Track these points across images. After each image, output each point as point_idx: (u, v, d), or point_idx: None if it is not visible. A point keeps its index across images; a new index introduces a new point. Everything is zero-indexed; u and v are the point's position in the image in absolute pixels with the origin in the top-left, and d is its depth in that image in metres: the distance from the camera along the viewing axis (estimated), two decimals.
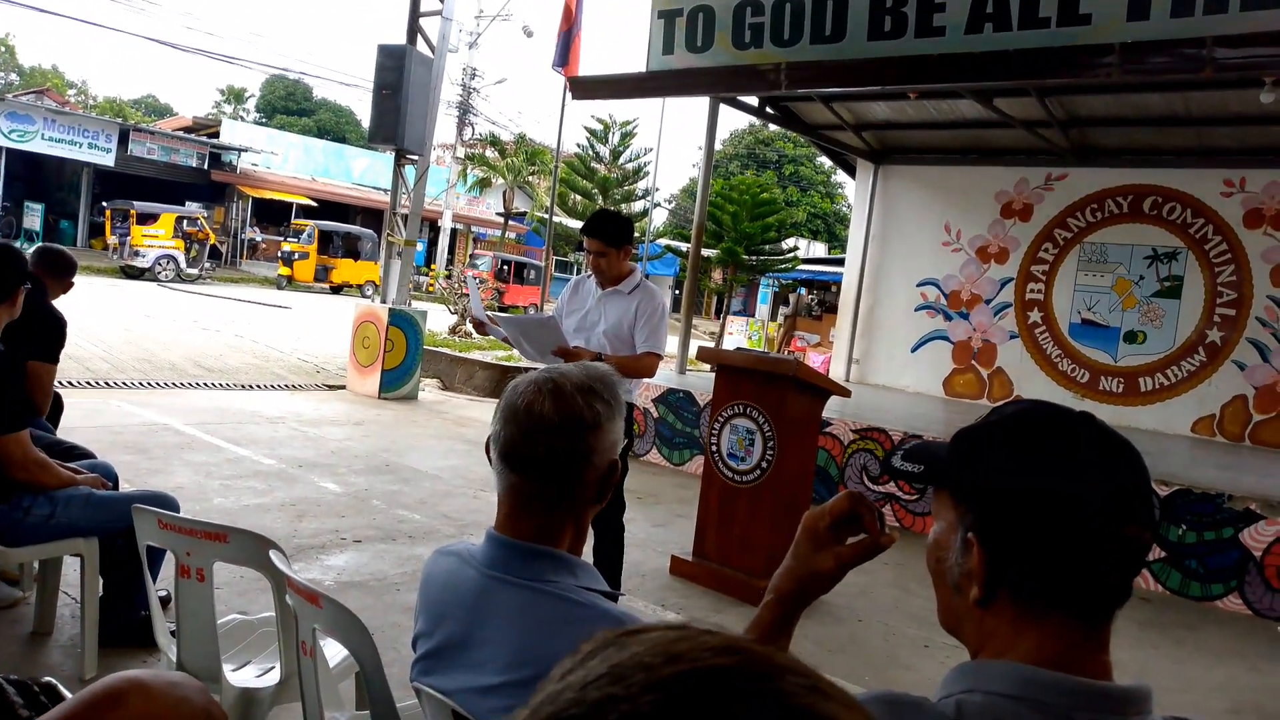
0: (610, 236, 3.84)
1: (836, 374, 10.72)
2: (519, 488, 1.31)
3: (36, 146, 24.89)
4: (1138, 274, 9.24)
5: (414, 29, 9.96)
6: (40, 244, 4.31)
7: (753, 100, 9.57)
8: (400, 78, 9.38)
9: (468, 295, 4.02)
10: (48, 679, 1.26)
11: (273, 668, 2.30)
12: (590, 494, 1.33)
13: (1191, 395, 8.88)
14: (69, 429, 4.36)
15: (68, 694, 1.16)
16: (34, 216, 25.78)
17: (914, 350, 10.57)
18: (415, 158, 10.08)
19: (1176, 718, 0.95)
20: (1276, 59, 5.72)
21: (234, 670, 2.31)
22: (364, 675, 1.67)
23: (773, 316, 23.84)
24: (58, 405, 4.35)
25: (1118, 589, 0.92)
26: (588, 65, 13.25)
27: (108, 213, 24.87)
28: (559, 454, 1.28)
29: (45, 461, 2.99)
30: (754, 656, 0.39)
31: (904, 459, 1.07)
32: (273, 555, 1.91)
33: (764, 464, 4.58)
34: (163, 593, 3.19)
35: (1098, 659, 0.91)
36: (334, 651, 2.23)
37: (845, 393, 4.89)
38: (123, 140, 26.91)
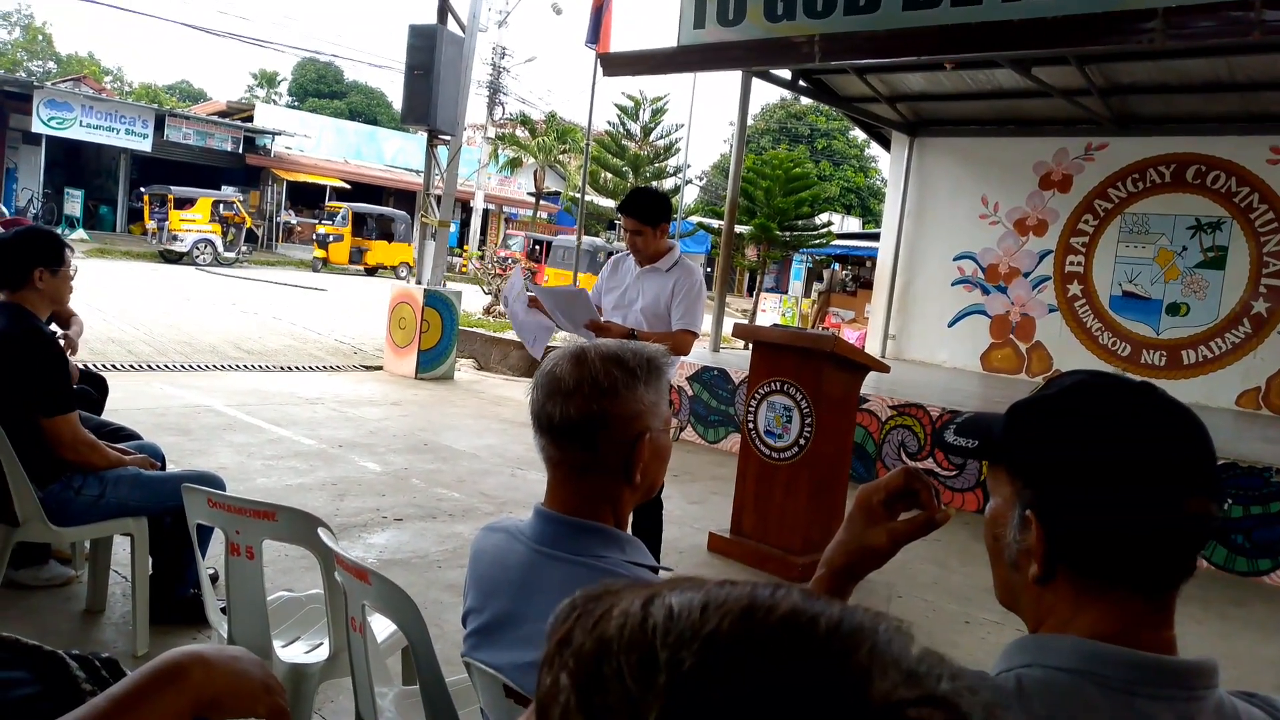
0: (647, 214, 3.84)
1: (872, 350, 10.64)
2: (548, 453, 1.33)
3: (75, 134, 25.22)
4: (1180, 245, 9.07)
5: (444, 8, 9.94)
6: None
7: (785, 74, 9.48)
8: (431, 57, 9.38)
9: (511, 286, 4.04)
10: (109, 655, 1.29)
11: (321, 644, 2.34)
12: (614, 463, 1.31)
13: (1236, 368, 8.72)
14: (112, 411, 4.43)
15: (128, 671, 1.18)
16: (74, 203, 26.16)
17: (951, 325, 10.46)
18: (448, 138, 10.09)
19: (1245, 692, 0.93)
20: None
21: (283, 646, 2.35)
22: (413, 650, 1.69)
23: (806, 293, 23.71)
24: (102, 388, 4.42)
25: (1181, 563, 0.90)
26: (619, 41, 13.16)
27: (145, 198, 25.19)
28: (576, 417, 1.28)
29: (94, 442, 3.04)
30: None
31: (957, 433, 1.05)
32: (321, 533, 1.94)
33: (802, 441, 4.56)
34: (211, 571, 3.24)
35: (1161, 634, 0.89)
36: (380, 627, 2.26)
37: (884, 368, 4.86)
38: (159, 126, 27.19)
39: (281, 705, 1.08)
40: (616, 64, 9.43)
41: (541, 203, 33.81)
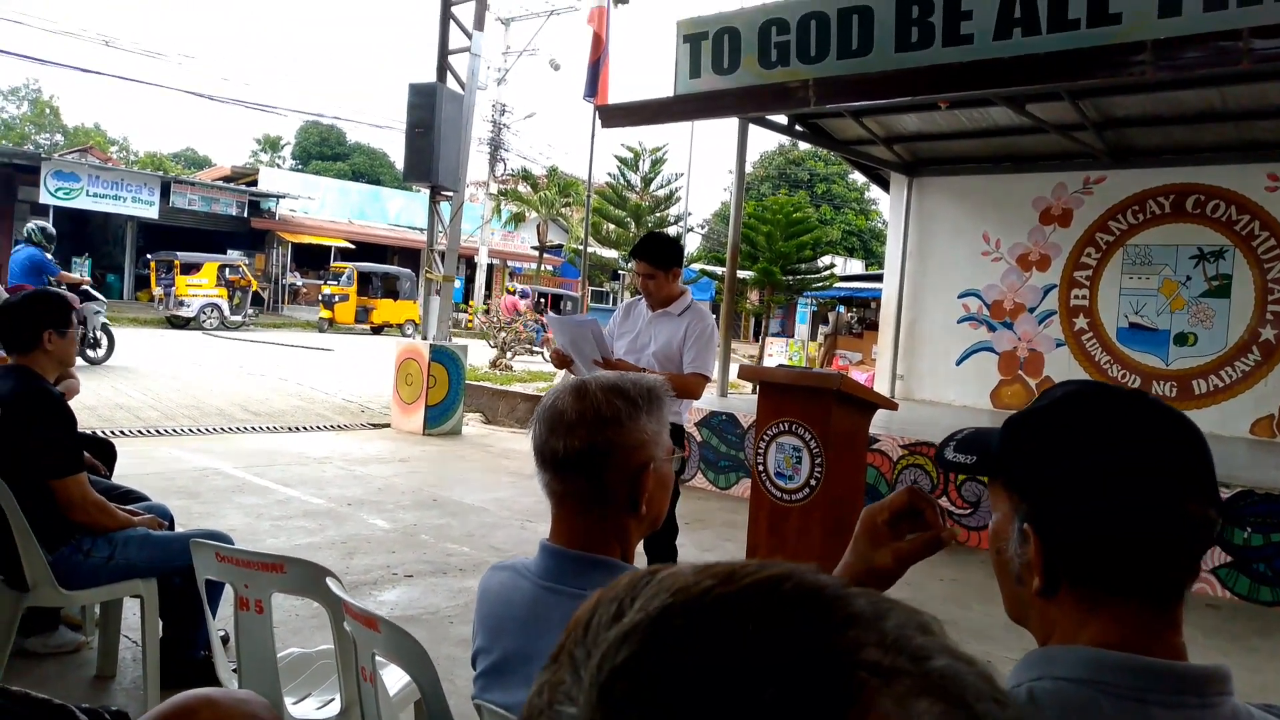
0: (658, 258, 3.88)
1: (881, 391, 10.61)
2: (552, 487, 1.32)
3: (82, 203, 25.55)
4: (1184, 274, 9.07)
5: (443, 66, 10.11)
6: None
7: (782, 119, 9.58)
8: (432, 115, 9.51)
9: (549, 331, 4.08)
10: (119, 708, 1.27)
11: (333, 699, 2.30)
12: (621, 496, 1.30)
13: (1248, 396, 8.67)
14: (121, 476, 4.41)
15: None
16: (81, 271, 26.37)
17: (958, 363, 10.44)
18: (450, 194, 10.20)
19: (1266, 705, 0.91)
20: None
21: (295, 703, 2.31)
22: (424, 698, 1.66)
23: (812, 336, 23.73)
24: (110, 453, 4.41)
25: (1183, 569, 0.89)
26: (617, 94, 13.35)
27: (152, 264, 25.44)
28: (579, 449, 1.28)
29: (103, 503, 3.03)
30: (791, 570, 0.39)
31: (957, 450, 1.05)
32: (329, 582, 1.92)
33: (813, 481, 4.53)
34: (221, 632, 3.21)
35: (1169, 640, 0.88)
36: (392, 680, 2.22)
37: (892, 405, 4.83)
38: (164, 193, 27.55)
39: None
40: (614, 115, 9.55)
41: (545, 255, 34.04)
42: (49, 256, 10.75)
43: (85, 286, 12.15)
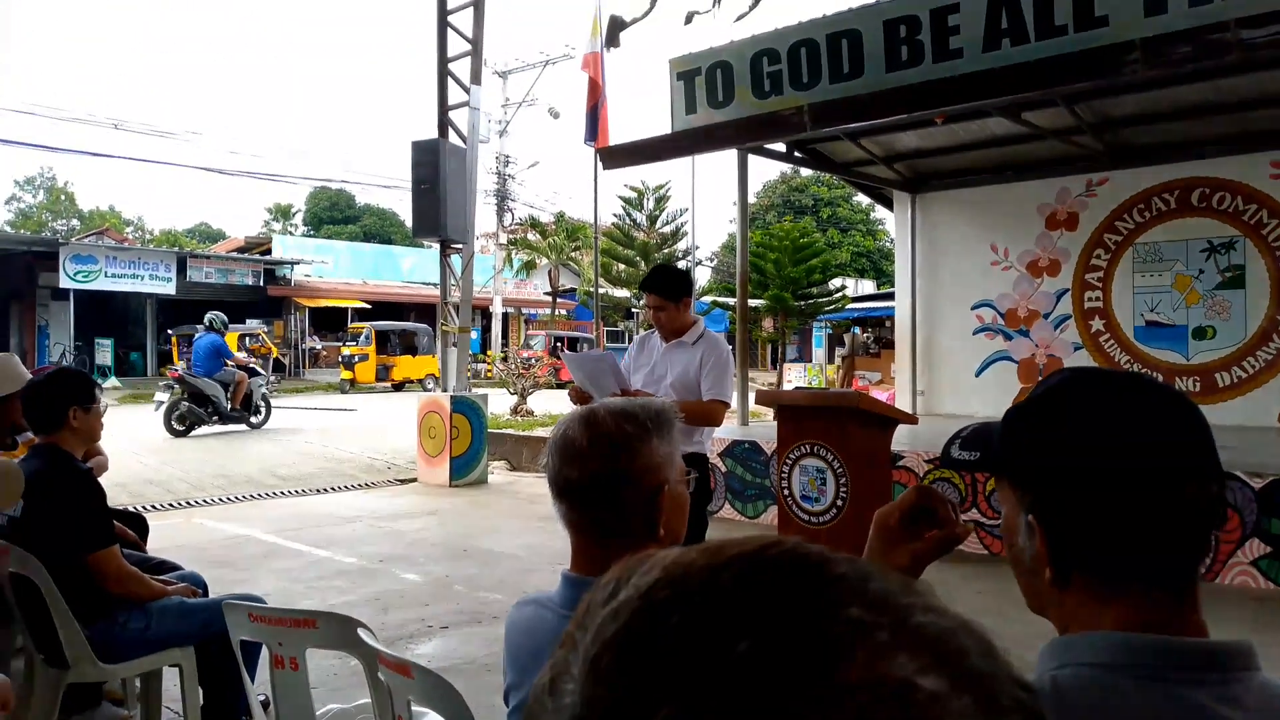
0: (668, 290, 3.92)
1: (902, 408, 10.57)
2: (569, 517, 1.35)
3: (101, 284, 25.96)
4: (1196, 268, 9.04)
5: (444, 122, 10.27)
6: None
7: (780, 146, 9.66)
8: (436, 171, 9.65)
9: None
10: None
11: None
12: (638, 520, 1.32)
13: (1273, 384, 8.59)
14: (154, 549, 4.46)
15: None
16: (105, 352, 26.78)
17: (978, 374, 10.41)
18: (460, 246, 10.31)
19: None
20: None
21: None
22: None
23: (830, 359, 23.68)
24: (142, 527, 4.46)
25: (1192, 549, 0.89)
26: (617, 135, 13.50)
27: (173, 339, 25.74)
28: (595, 476, 1.30)
29: (138, 574, 3.08)
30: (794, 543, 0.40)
31: (961, 448, 1.06)
32: (361, 633, 1.94)
33: (839, 502, 4.52)
34: (261, 696, 3.23)
35: (1189, 619, 0.88)
36: None
37: (912, 419, 4.83)
38: (181, 268, 27.96)
39: None
40: (615, 156, 9.67)
41: (559, 300, 34.26)
42: (225, 339, 13.90)
43: (252, 364, 15.06)
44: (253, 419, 14.55)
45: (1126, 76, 6.51)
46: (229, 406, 13.80)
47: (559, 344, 28.17)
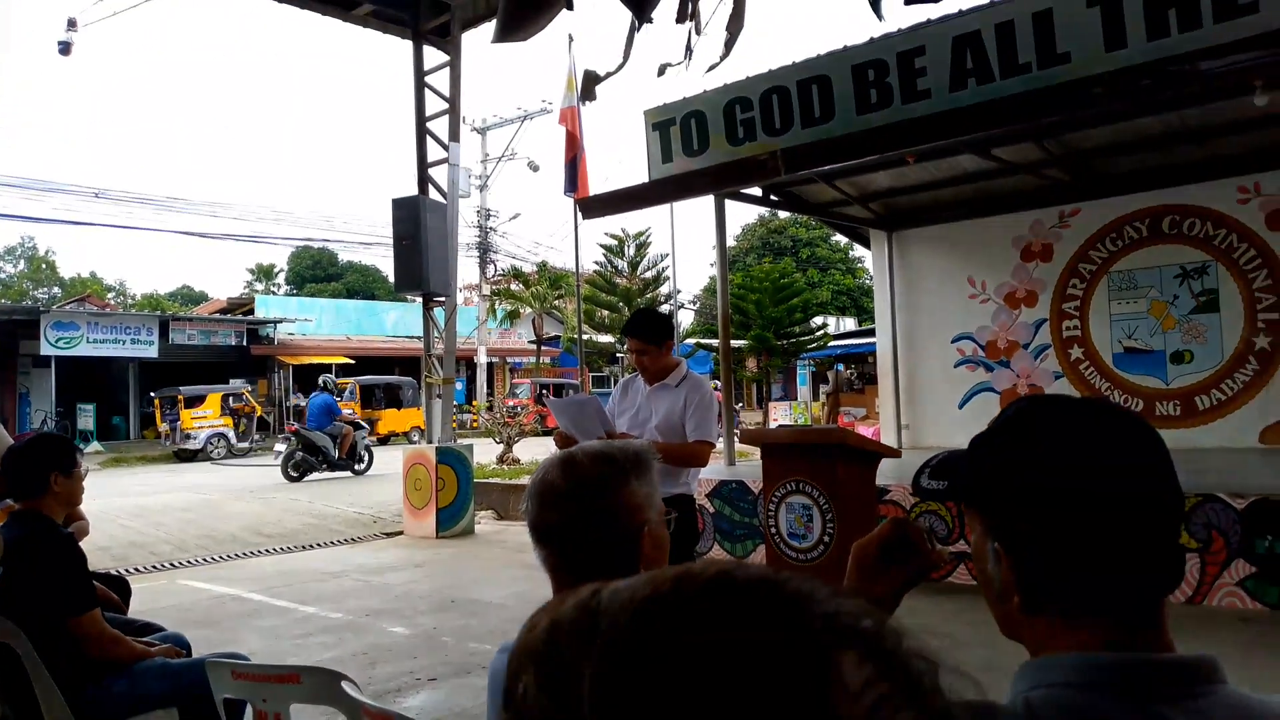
0: (649, 333, 3.95)
1: (887, 442, 10.59)
2: (550, 562, 1.35)
3: (82, 350, 25.83)
4: (1171, 294, 9.16)
5: (424, 179, 10.37)
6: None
7: (756, 190, 9.78)
8: (417, 226, 9.71)
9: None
10: None
11: None
12: (618, 560, 1.32)
13: (1253, 405, 8.67)
14: (137, 612, 4.41)
15: None
16: (87, 418, 26.56)
17: (961, 406, 10.46)
18: (442, 300, 10.35)
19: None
20: (1260, 61, 5.78)
21: None
22: None
23: (815, 397, 23.74)
24: (124, 590, 4.41)
25: (1156, 571, 0.90)
26: (596, 184, 13.66)
27: (156, 402, 25.58)
28: (573, 519, 1.31)
29: (119, 637, 3.04)
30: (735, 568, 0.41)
31: (930, 477, 1.07)
32: (345, 686, 1.93)
33: (826, 539, 4.52)
34: None
35: (1157, 637, 0.89)
36: None
37: (895, 453, 4.85)
38: (163, 331, 27.88)
39: None
40: (594, 206, 9.76)
41: (543, 348, 34.29)
42: (335, 399, 16.59)
43: (357, 419, 17.72)
44: (356, 466, 16.42)
45: (1092, 109, 6.65)
46: (337, 456, 15.90)
47: (544, 391, 28.16)
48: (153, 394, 26.28)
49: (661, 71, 9.70)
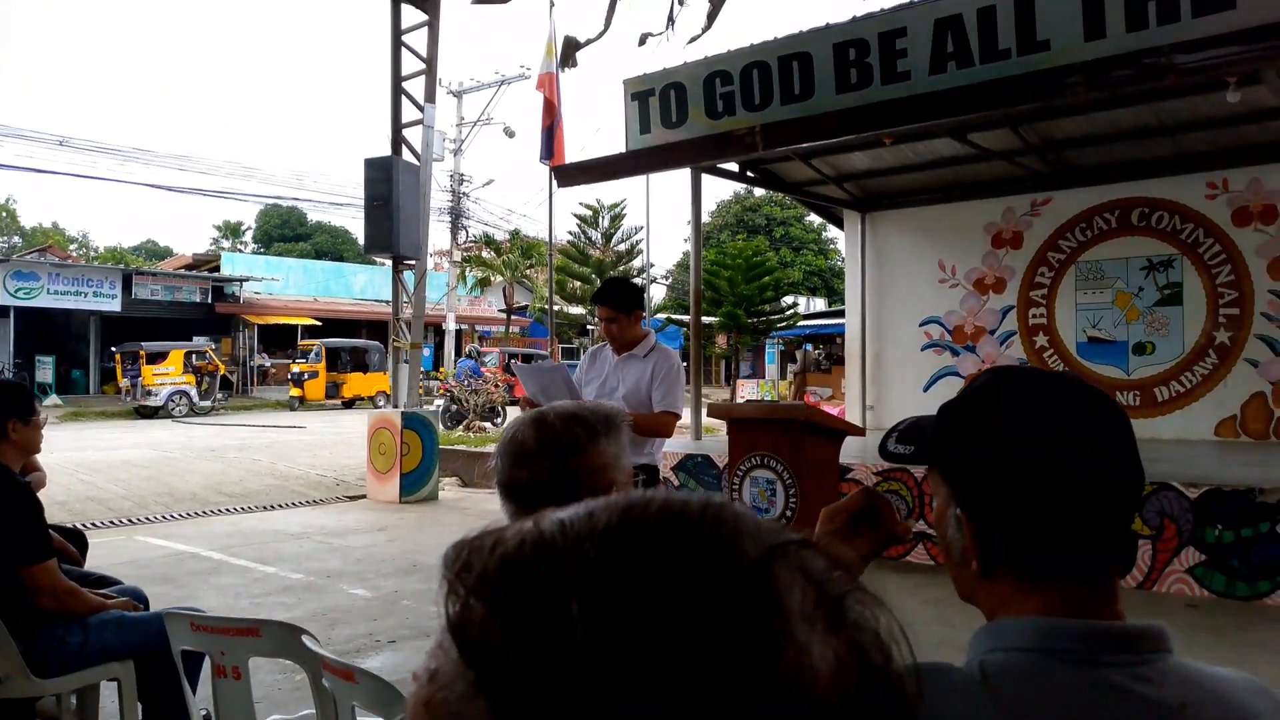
0: (619, 302, 3.96)
1: (853, 423, 10.68)
2: (517, 519, 1.34)
3: (43, 301, 25.37)
4: (1136, 286, 9.27)
5: (398, 140, 10.24)
6: None
7: (733, 166, 9.76)
8: (389, 188, 9.61)
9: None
10: None
11: None
12: None
13: (1210, 399, 8.82)
14: (94, 566, 4.36)
15: None
16: (45, 369, 26.16)
17: (926, 389, 10.55)
18: (412, 263, 10.26)
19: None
20: (1235, 58, 5.84)
21: None
22: None
23: (782, 375, 23.87)
24: (82, 543, 4.36)
25: (1111, 542, 0.92)
26: (573, 153, 13.55)
27: (118, 357, 25.22)
28: (543, 480, 1.31)
29: (74, 588, 3.01)
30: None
31: (898, 441, 1.09)
32: (305, 640, 1.92)
33: (789, 512, 4.56)
34: (203, 711, 3.17)
35: (1108, 606, 0.91)
36: None
37: (859, 431, 4.90)
38: (126, 285, 27.44)
39: None
40: (570, 174, 9.70)
41: (513, 317, 34.14)
42: (479, 364, 19.64)
43: (498, 379, 19.13)
44: (495, 420, 18.04)
45: (1068, 98, 6.69)
46: (480, 409, 17.53)
47: (513, 360, 28.09)
48: (114, 349, 25.90)
49: (643, 41, 9.68)
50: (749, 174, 10.32)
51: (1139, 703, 0.83)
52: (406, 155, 10.20)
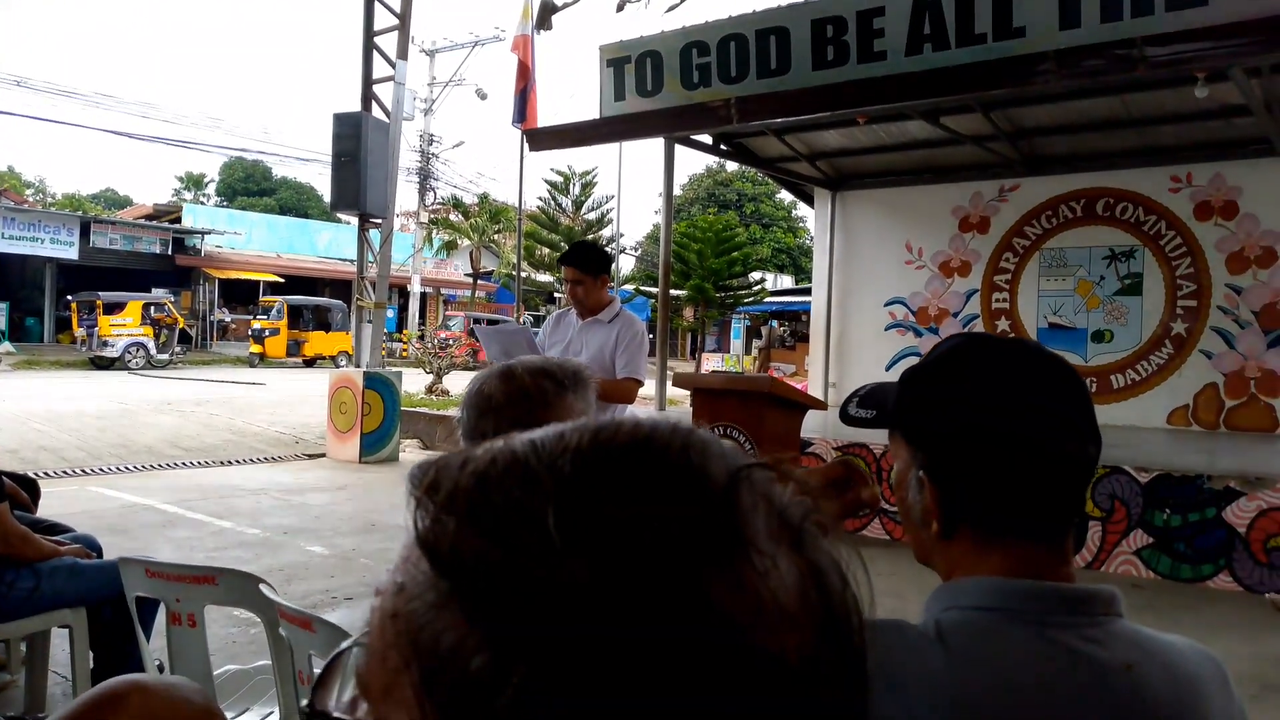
0: (586, 264, 3.92)
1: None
2: None
3: None
4: (1098, 275, 9.41)
5: (368, 96, 10.09)
6: None
7: (706, 138, 9.73)
8: (358, 144, 9.48)
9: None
10: (44, 714, 1.27)
11: (271, 712, 2.29)
12: None
13: (1163, 388, 9.00)
14: (46, 515, 4.31)
15: None
16: None
17: (888, 369, 10.63)
18: (379, 222, 10.15)
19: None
20: (1204, 53, 5.92)
21: (234, 718, 2.29)
22: None
23: (747, 350, 23.98)
24: (34, 490, 4.29)
25: (1067, 506, 0.95)
26: (546, 118, 13.44)
27: (73, 305, 24.74)
28: (509, 431, 1.31)
29: (26, 533, 2.97)
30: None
31: (859, 405, 1.11)
32: (262, 589, 1.92)
33: None
34: (157, 661, 3.15)
35: (1060, 570, 0.94)
36: None
37: (821, 405, 4.96)
38: (84, 233, 26.87)
39: None
40: (542, 138, 9.62)
41: (479, 282, 33.94)
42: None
43: None
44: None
45: (1040, 85, 6.74)
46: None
47: (478, 324, 27.96)
48: (70, 297, 25.39)
49: (621, 7, 9.61)
50: (722, 147, 10.30)
51: (1087, 662, 0.86)
52: (377, 112, 10.06)
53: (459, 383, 16.29)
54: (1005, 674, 0.86)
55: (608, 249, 26.89)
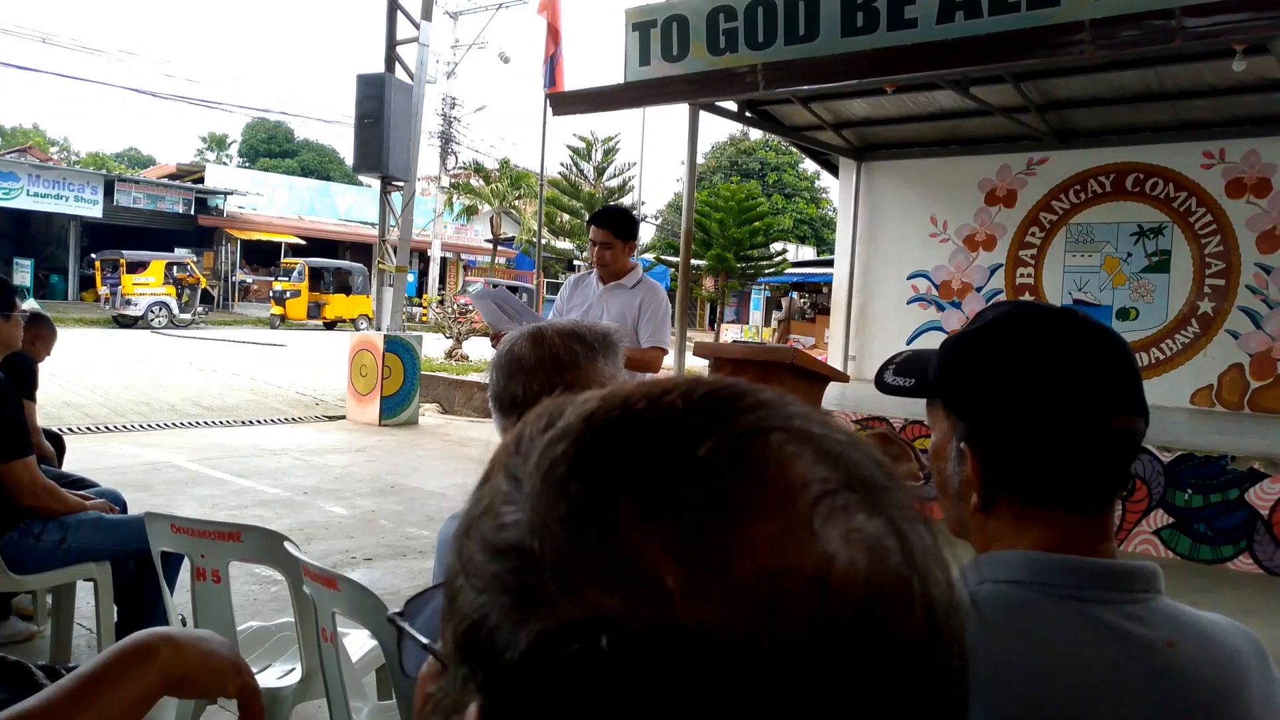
0: (618, 227, 3.87)
1: None
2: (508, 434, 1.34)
3: (22, 203, 24.94)
4: (1125, 251, 9.29)
5: (391, 57, 10.04)
6: None
7: (731, 105, 9.63)
8: (381, 106, 9.44)
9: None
10: (75, 664, 1.28)
11: (293, 669, 2.31)
12: None
13: (1188, 367, 8.90)
14: (71, 470, 4.36)
15: None
16: (23, 273, 25.81)
17: (909, 343, 10.59)
18: (401, 184, 10.13)
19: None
20: (1244, 24, 5.78)
21: (256, 674, 2.32)
22: (387, 657, 1.68)
23: (767, 322, 23.90)
24: (59, 446, 4.36)
25: (1113, 480, 0.93)
26: (572, 83, 13.34)
27: (97, 264, 24.92)
28: (538, 393, 1.30)
29: (53, 487, 3.00)
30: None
31: (896, 374, 1.08)
32: (287, 546, 1.93)
33: None
34: (180, 615, 3.19)
35: (1102, 545, 0.92)
36: (355, 648, 2.24)
37: (844, 377, 4.93)
38: (108, 191, 26.99)
39: (251, 684, 1.08)
40: (566, 103, 9.54)
41: (500, 248, 33.91)
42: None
43: None
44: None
45: (1074, 56, 6.61)
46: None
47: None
48: (94, 255, 25.57)
49: None
50: (747, 114, 10.19)
51: (1127, 639, 0.85)
52: (400, 74, 10.01)
53: (478, 348, 16.31)
54: (1043, 650, 0.85)
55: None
